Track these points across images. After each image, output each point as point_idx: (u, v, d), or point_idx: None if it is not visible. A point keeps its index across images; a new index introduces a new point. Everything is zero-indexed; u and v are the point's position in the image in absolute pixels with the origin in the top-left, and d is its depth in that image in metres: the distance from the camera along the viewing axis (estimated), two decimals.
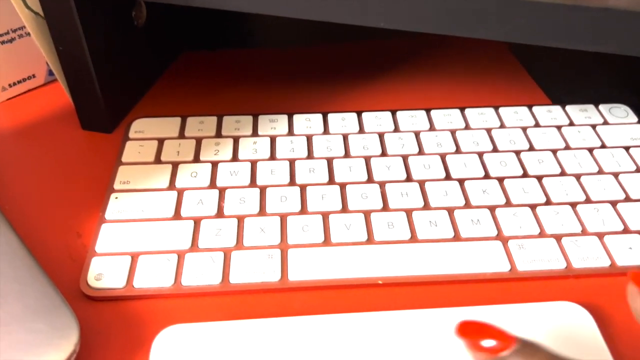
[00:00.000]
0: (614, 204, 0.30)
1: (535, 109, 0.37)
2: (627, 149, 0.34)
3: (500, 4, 0.25)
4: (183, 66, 0.42)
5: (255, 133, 0.35)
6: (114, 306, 0.26)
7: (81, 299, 0.26)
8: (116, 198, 0.30)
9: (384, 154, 0.34)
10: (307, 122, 0.36)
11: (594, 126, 0.36)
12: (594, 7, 0.24)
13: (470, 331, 0.19)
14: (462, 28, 0.26)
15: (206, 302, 0.26)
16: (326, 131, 0.35)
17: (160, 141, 0.34)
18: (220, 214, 0.30)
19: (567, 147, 0.34)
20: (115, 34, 0.35)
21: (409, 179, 0.32)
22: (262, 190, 0.31)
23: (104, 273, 0.27)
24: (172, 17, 0.42)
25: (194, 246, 0.28)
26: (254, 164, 0.33)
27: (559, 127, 0.35)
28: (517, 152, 0.33)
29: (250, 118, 0.36)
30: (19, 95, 0.39)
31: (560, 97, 0.39)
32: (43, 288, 0.25)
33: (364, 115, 0.36)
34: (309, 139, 0.35)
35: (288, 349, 0.23)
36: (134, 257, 0.27)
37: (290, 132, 0.35)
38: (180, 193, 0.31)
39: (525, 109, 0.37)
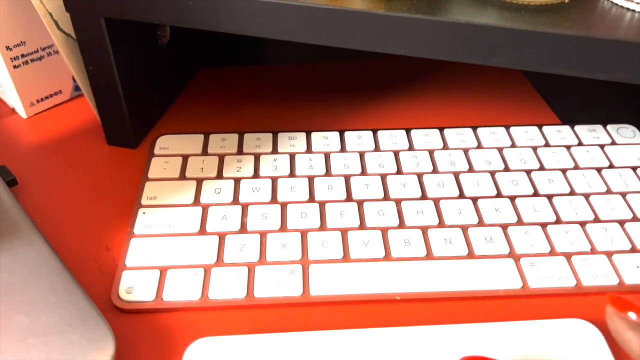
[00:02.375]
0: (621, 223, 0.31)
1: (545, 128, 0.38)
2: (634, 169, 0.35)
3: (513, 35, 0.26)
4: (202, 83, 0.44)
5: (275, 150, 0.36)
6: (144, 318, 0.27)
7: (113, 311, 0.27)
8: (144, 213, 0.32)
9: (399, 171, 0.35)
10: (325, 140, 0.37)
11: (602, 146, 0.37)
12: (604, 38, 0.26)
13: None
14: (476, 56, 0.28)
15: (232, 315, 0.27)
16: (343, 149, 0.36)
17: (185, 158, 0.35)
18: (243, 229, 0.31)
19: (576, 167, 0.35)
20: (141, 54, 0.36)
21: (424, 196, 0.33)
22: (283, 206, 0.32)
23: (134, 286, 0.28)
24: (192, 35, 0.43)
25: (220, 261, 0.29)
26: (274, 180, 0.34)
27: (568, 147, 0.37)
28: (528, 172, 0.35)
29: (270, 135, 0.37)
30: (46, 110, 0.41)
31: (570, 116, 0.40)
32: (78, 300, 0.26)
33: (380, 133, 0.38)
34: (327, 156, 0.36)
35: None
36: (163, 271, 0.29)
37: (309, 149, 0.36)
38: (205, 209, 0.32)
39: (535, 128, 0.38)
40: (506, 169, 0.35)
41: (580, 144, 0.37)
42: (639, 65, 0.26)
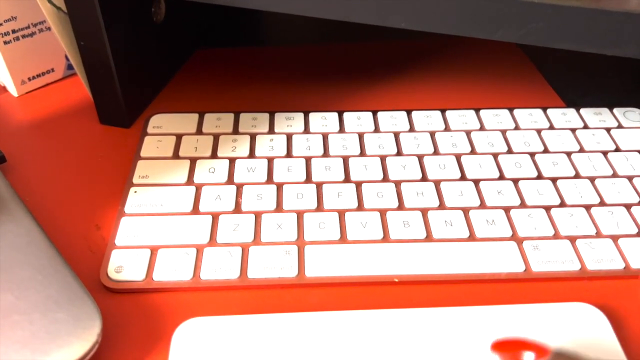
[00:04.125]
0: (628, 207, 0.31)
1: (549, 111, 0.37)
2: None
3: (519, 7, 0.25)
4: (198, 63, 0.43)
5: (271, 130, 0.35)
6: (133, 298, 0.26)
7: (101, 290, 0.27)
8: (135, 192, 0.31)
9: (399, 153, 0.34)
10: (323, 121, 0.36)
11: (608, 129, 0.36)
12: (614, 10, 0.25)
13: (507, 347, 0.19)
14: (480, 30, 0.26)
15: (224, 296, 0.26)
16: (342, 130, 0.35)
17: (178, 137, 0.34)
18: (237, 209, 0.30)
19: (582, 150, 0.34)
20: (135, 30, 0.35)
21: (424, 178, 0.32)
22: (279, 187, 0.31)
23: (124, 265, 0.27)
24: (189, 13, 0.42)
25: (212, 241, 0.28)
26: (270, 161, 0.33)
27: (573, 130, 0.36)
28: (532, 154, 0.34)
29: (266, 115, 0.36)
30: (37, 89, 0.40)
31: (574, 99, 0.39)
32: (65, 279, 0.25)
33: (380, 114, 0.37)
34: (325, 137, 0.35)
35: (304, 344, 0.24)
36: (153, 250, 0.28)
37: (307, 130, 0.35)
38: (199, 188, 0.31)
39: (539, 111, 0.37)
40: (509, 151, 0.34)
41: (585, 127, 0.36)
42: None
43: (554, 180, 0.32)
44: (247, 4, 0.28)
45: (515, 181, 0.32)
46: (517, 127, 0.36)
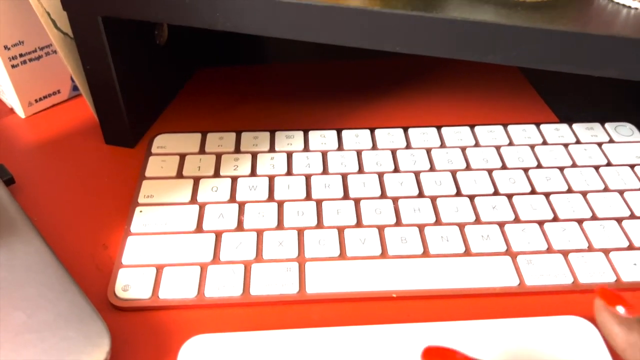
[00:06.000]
0: (619, 220, 0.31)
1: (543, 127, 0.38)
2: (632, 167, 0.35)
3: (508, 31, 0.26)
4: (200, 82, 0.44)
5: (272, 149, 0.36)
6: (140, 316, 0.27)
7: (109, 308, 0.27)
8: (141, 211, 0.32)
9: (396, 170, 0.35)
10: (322, 139, 0.37)
11: (600, 144, 0.37)
12: (599, 34, 0.26)
13: (436, 355, 0.20)
14: (472, 53, 0.28)
15: (228, 313, 0.27)
16: (340, 147, 0.36)
17: (182, 156, 0.35)
18: (240, 227, 0.31)
19: (574, 165, 0.35)
20: (138, 53, 0.36)
21: (421, 194, 0.33)
22: (280, 204, 0.32)
23: (131, 284, 0.28)
24: (190, 35, 0.43)
25: (216, 259, 0.29)
26: (271, 179, 0.34)
27: (566, 145, 0.37)
28: (526, 170, 0.35)
29: (267, 134, 0.37)
30: (44, 110, 0.41)
31: (567, 114, 0.40)
32: (74, 297, 0.26)
33: (377, 131, 0.38)
34: (324, 154, 0.36)
35: None
36: (159, 268, 0.29)
37: (306, 148, 0.36)
38: (202, 207, 0.32)
39: (533, 127, 0.38)
40: (503, 167, 0.35)
41: (578, 142, 0.37)
42: (634, 62, 0.26)
43: (547, 195, 0.33)
44: (247, 30, 0.29)
45: (510, 196, 0.33)
46: (511, 143, 0.37)
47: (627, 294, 0.28)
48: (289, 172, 0.34)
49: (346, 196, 0.33)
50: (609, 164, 0.35)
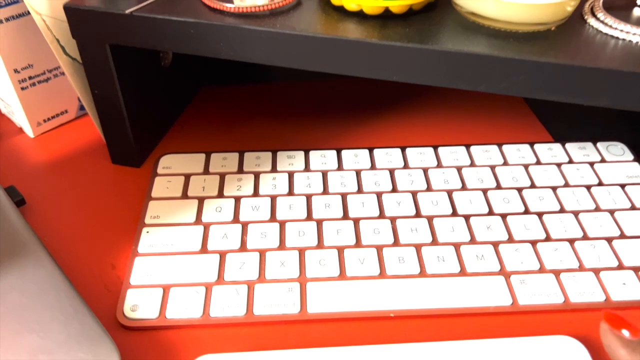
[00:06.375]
0: (609, 240, 0.33)
1: (537, 146, 0.39)
2: (622, 186, 0.36)
3: (501, 63, 0.28)
4: (203, 102, 0.45)
5: (274, 169, 0.37)
6: (148, 335, 0.28)
7: (118, 328, 0.29)
8: (147, 232, 0.33)
9: (394, 189, 0.36)
10: (323, 159, 0.38)
11: (592, 164, 0.38)
12: (588, 66, 0.27)
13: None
14: (466, 83, 0.29)
15: (232, 333, 0.28)
16: (340, 167, 0.38)
17: (187, 177, 0.37)
18: (243, 247, 0.32)
19: (567, 185, 0.36)
20: (144, 76, 0.37)
21: (418, 214, 0.34)
22: (282, 224, 0.33)
23: (139, 304, 0.29)
24: (194, 57, 0.44)
25: (220, 279, 0.30)
26: (273, 199, 0.35)
27: (559, 165, 0.38)
28: (519, 189, 0.36)
29: (269, 154, 0.38)
30: (52, 130, 0.42)
31: (563, 133, 0.41)
32: (85, 318, 0.27)
33: (376, 151, 0.39)
34: (324, 174, 0.37)
35: None
36: (166, 289, 0.30)
37: (307, 167, 0.37)
38: (207, 227, 0.33)
39: (527, 146, 0.39)
40: (498, 186, 0.36)
41: (570, 161, 0.38)
42: (623, 92, 0.27)
43: (540, 215, 0.34)
44: (250, 59, 0.31)
45: (504, 216, 0.34)
46: (505, 163, 0.38)
47: (619, 312, 0.29)
48: (291, 192, 0.36)
49: (346, 216, 0.34)
50: (600, 184, 0.36)
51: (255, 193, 0.36)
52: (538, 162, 0.38)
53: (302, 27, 0.29)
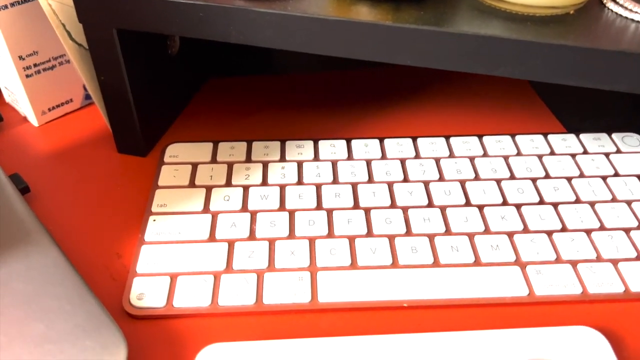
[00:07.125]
0: (627, 231, 0.32)
1: (550, 137, 0.38)
2: (639, 177, 0.35)
3: (518, 46, 0.27)
4: (210, 92, 0.44)
5: (283, 158, 0.37)
6: (155, 324, 0.28)
7: (124, 317, 0.28)
8: (154, 220, 0.32)
9: (405, 179, 0.35)
10: (332, 148, 0.37)
11: (607, 154, 0.37)
12: (607, 49, 0.26)
13: None
14: (482, 67, 0.28)
15: (241, 322, 0.28)
16: (350, 157, 0.37)
17: (194, 165, 0.36)
18: (252, 236, 0.31)
19: (582, 175, 0.35)
20: (151, 63, 0.37)
21: (430, 204, 0.33)
22: (291, 213, 0.33)
23: (145, 292, 0.28)
24: (201, 45, 0.44)
25: (229, 267, 0.30)
26: (282, 188, 0.34)
27: (573, 155, 0.37)
28: (534, 180, 0.35)
29: (278, 143, 0.38)
30: (57, 119, 0.41)
31: (575, 125, 0.41)
32: (91, 307, 0.26)
33: (386, 141, 0.38)
34: (334, 164, 0.36)
35: None
36: (173, 277, 0.29)
37: (316, 157, 0.37)
38: (215, 216, 0.32)
39: (540, 137, 0.38)
40: (512, 177, 0.35)
41: (585, 152, 0.37)
42: None
43: (555, 205, 0.33)
44: (260, 43, 0.30)
45: (518, 206, 0.33)
46: (519, 153, 0.37)
47: (637, 304, 0.28)
48: (300, 182, 0.35)
49: (356, 206, 0.33)
50: (616, 175, 0.36)
51: (264, 182, 0.35)
52: (552, 153, 0.37)
53: (313, 9, 0.28)
